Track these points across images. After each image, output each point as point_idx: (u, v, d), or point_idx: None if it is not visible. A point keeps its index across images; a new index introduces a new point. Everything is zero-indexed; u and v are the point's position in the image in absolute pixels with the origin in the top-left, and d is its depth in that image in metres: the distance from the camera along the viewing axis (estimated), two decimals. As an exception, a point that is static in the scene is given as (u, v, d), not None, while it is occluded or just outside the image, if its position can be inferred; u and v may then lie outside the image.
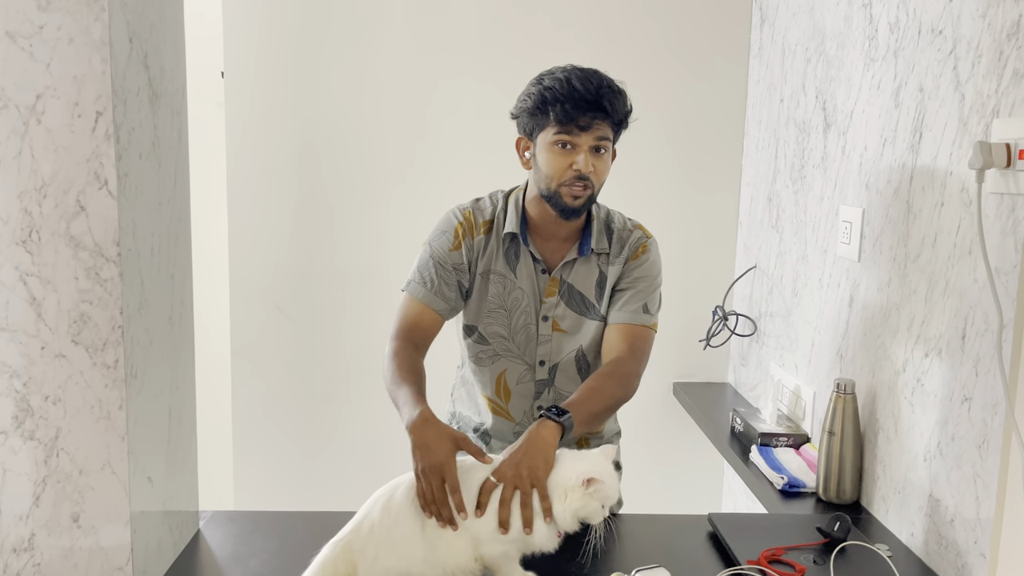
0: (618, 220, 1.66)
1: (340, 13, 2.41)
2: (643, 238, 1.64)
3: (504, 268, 1.59)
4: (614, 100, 1.49)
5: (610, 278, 1.61)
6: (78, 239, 1.11)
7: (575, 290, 1.60)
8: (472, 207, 1.62)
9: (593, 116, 1.47)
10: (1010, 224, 1.22)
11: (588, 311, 1.61)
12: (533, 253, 1.59)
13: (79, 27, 1.08)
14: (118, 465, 1.16)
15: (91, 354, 1.13)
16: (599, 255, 1.61)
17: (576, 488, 1.22)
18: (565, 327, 1.61)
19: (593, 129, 1.48)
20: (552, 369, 1.63)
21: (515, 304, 1.60)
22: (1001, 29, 1.25)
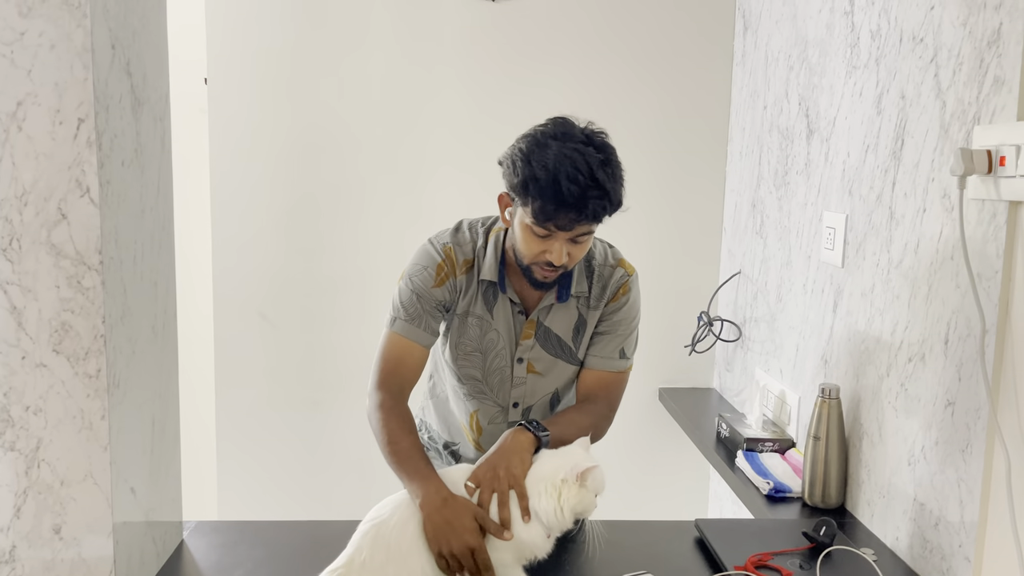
0: (599, 255, 1.59)
1: (324, 19, 2.41)
2: (624, 277, 1.58)
3: (482, 310, 1.54)
4: (599, 207, 1.37)
5: (590, 323, 1.57)
6: (59, 247, 1.10)
7: (552, 333, 1.56)
8: (452, 242, 1.54)
9: (575, 220, 1.37)
10: (991, 230, 1.23)
11: (564, 354, 1.57)
12: (511, 298, 1.54)
13: (61, 34, 1.07)
14: (100, 476, 1.15)
15: (73, 363, 1.12)
16: (579, 298, 1.56)
17: (570, 484, 1.21)
18: (540, 369, 1.56)
19: (573, 230, 1.39)
20: (526, 411, 1.59)
21: (490, 346, 1.55)
22: (982, 37, 1.27)
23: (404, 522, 1.24)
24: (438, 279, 1.52)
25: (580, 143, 1.39)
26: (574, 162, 1.35)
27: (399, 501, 1.28)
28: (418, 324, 1.51)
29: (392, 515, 1.25)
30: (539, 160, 1.36)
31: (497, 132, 2.47)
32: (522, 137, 1.44)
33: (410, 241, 2.52)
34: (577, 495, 1.22)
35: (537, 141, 1.40)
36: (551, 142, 1.38)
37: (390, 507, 1.27)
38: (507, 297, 1.54)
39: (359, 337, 2.53)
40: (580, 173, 1.34)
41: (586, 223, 1.39)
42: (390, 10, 2.41)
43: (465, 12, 2.42)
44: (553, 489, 1.23)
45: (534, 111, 2.47)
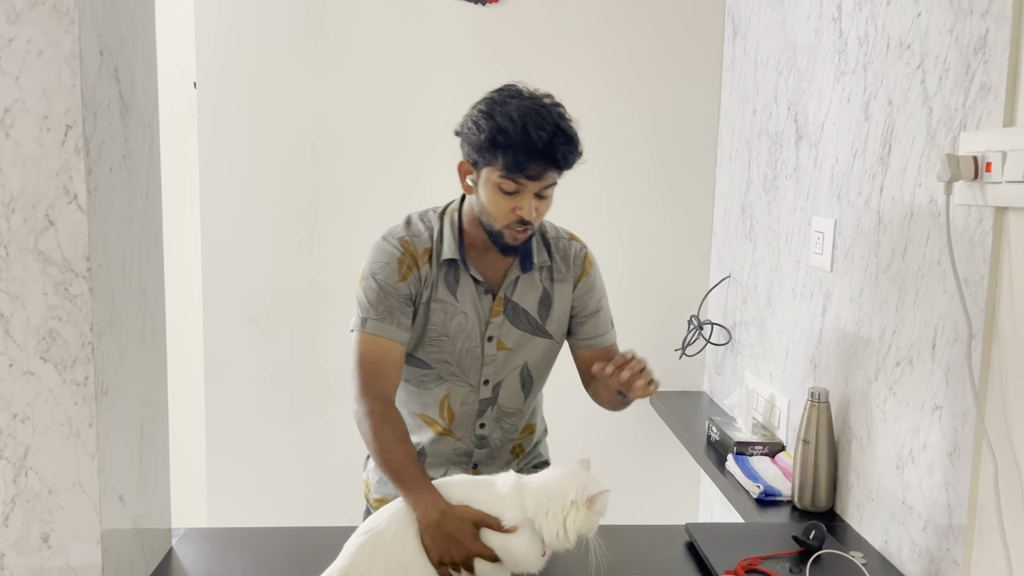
0: (550, 229, 1.64)
1: (314, 23, 2.41)
2: (583, 250, 1.64)
3: (445, 294, 1.53)
4: (568, 152, 1.42)
5: (557, 298, 1.59)
6: (47, 254, 1.10)
7: (520, 308, 1.57)
8: (407, 235, 1.54)
9: (545, 167, 1.41)
10: (978, 235, 1.24)
11: (533, 329, 1.58)
12: (475, 276, 1.54)
13: (49, 40, 1.06)
14: (88, 484, 1.14)
15: (60, 371, 1.11)
16: (541, 270, 1.59)
17: (579, 506, 1.21)
18: (509, 345, 1.57)
19: (543, 179, 1.43)
20: (496, 387, 1.59)
21: (459, 329, 1.54)
22: (968, 44, 1.28)
23: (403, 531, 1.24)
24: (401, 273, 1.51)
25: (536, 98, 1.45)
26: (538, 112, 1.41)
27: (395, 510, 1.27)
28: (390, 321, 1.49)
29: (390, 525, 1.25)
30: (503, 114, 1.41)
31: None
32: (476, 104, 1.48)
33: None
34: (584, 517, 1.21)
35: (495, 101, 1.45)
36: (510, 100, 1.44)
37: (386, 517, 1.26)
38: (470, 276, 1.54)
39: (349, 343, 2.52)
40: (545, 121, 1.40)
41: (555, 171, 1.43)
42: (380, 14, 2.41)
43: (455, 16, 2.43)
44: (560, 510, 1.21)
45: (524, 115, 2.48)
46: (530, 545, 1.23)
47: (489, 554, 1.24)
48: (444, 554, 1.23)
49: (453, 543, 1.23)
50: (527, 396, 1.63)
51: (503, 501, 1.25)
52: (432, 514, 1.25)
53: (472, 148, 1.45)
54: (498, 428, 1.63)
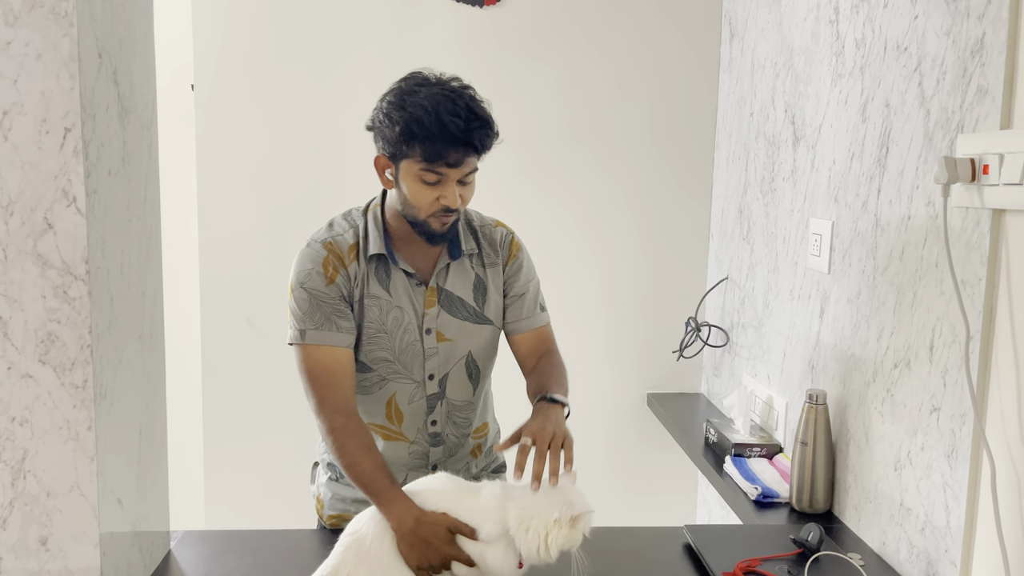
0: (476, 217, 1.62)
1: (311, 25, 2.41)
2: (508, 235, 1.62)
3: (378, 290, 1.50)
4: (485, 136, 1.39)
5: (491, 283, 1.58)
6: (45, 257, 1.09)
7: (454, 296, 1.54)
8: (329, 236, 1.51)
9: (464, 154, 1.38)
10: (975, 237, 1.24)
11: (471, 316, 1.55)
12: (405, 268, 1.51)
13: (47, 43, 1.06)
14: (87, 487, 1.14)
15: (59, 374, 1.11)
16: (470, 257, 1.57)
17: (562, 524, 1.19)
18: (449, 335, 1.54)
19: (463, 166, 1.40)
20: (442, 380, 1.56)
21: (396, 324, 1.51)
22: (965, 46, 1.28)
23: (380, 536, 1.25)
24: (328, 275, 1.47)
25: (444, 85, 1.42)
26: (451, 99, 1.38)
27: (372, 514, 1.28)
28: (329, 327, 1.45)
29: (368, 529, 1.25)
30: (414, 104, 1.38)
31: (485, 138, 2.48)
32: (384, 96, 1.45)
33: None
34: (567, 535, 1.20)
35: (403, 91, 1.42)
36: (419, 88, 1.41)
37: (365, 520, 1.28)
38: (400, 269, 1.51)
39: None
40: (459, 108, 1.37)
41: (473, 155, 1.41)
42: (377, 16, 2.41)
43: (453, 19, 2.43)
44: (543, 527, 1.20)
45: (522, 117, 2.49)
46: (504, 557, 1.22)
47: (465, 558, 1.24)
48: (421, 559, 1.23)
49: (429, 548, 1.23)
50: (476, 387, 1.59)
51: (484, 513, 1.24)
52: (406, 522, 1.25)
53: (387, 142, 1.43)
54: (450, 423, 1.59)
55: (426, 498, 1.28)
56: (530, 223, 2.49)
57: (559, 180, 2.52)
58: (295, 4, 2.39)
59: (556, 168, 2.51)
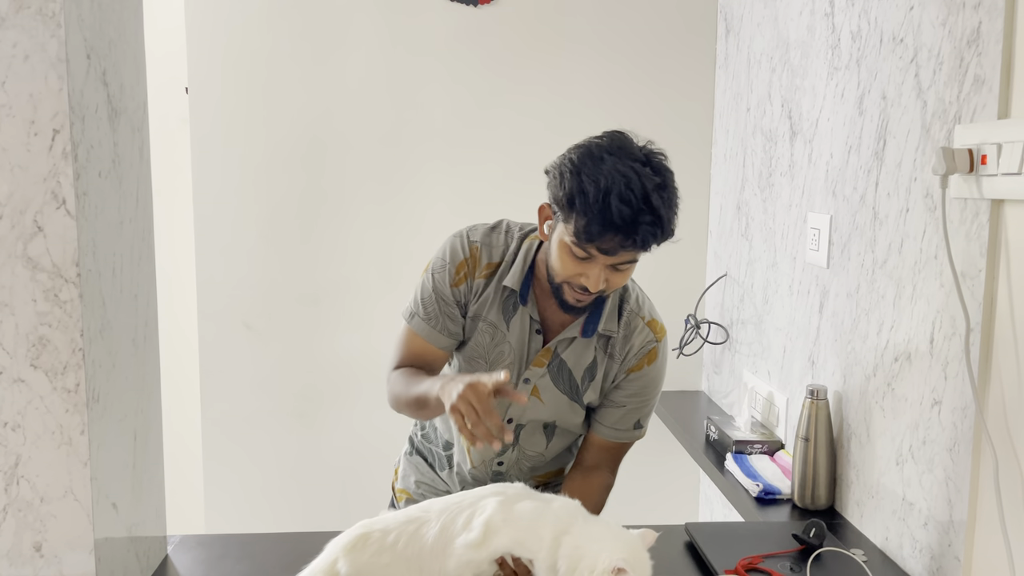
0: (632, 302, 1.49)
1: (305, 28, 2.40)
2: (653, 342, 1.48)
3: (497, 318, 1.45)
4: (649, 235, 1.26)
5: (602, 371, 1.48)
6: (36, 260, 1.08)
7: (565, 367, 1.46)
8: (481, 242, 1.46)
9: (619, 245, 1.26)
10: (974, 229, 1.23)
11: (571, 392, 1.49)
12: (531, 314, 1.45)
13: (35, 44, 1.05)
14: (81, 492, 1.13)
15: (51, 378, 1.10)
16: (601, 337, 1.47)
17: (605, 572, 1.07)
18: (544, 398, 1.48)
19: (617, 255, 1.29)
20: (518, 429, 1.52)
21: (499, 358, 1.46)
22: (961, 36, 1.27)
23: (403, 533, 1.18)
24: (457, 277, 1.45)
25: (638, 162, 1.28)
26: (628, 181, 1.24)
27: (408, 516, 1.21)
28: (435, 325, 1.46)
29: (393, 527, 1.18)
30: (590, 174, 1.25)
31: (482, 138, 2.48)
32: (575, 147, 1.33)
33: (397, 250, 2.52)
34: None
35: (591, 153, 1.29)
36: (606, 156, 1.27)
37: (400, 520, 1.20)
38: (527, 312, 1.45)
39: (345, 347, 2.52)
40: (634, 194, 1.24)
41: (631, 250, 1.28)
42: (372, 18, 2.41)
43: (448, 18, 2.42)
44: (588, 571, 1.09)
45: (518, 116, 2.48)
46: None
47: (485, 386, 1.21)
48: (454, 390, 1.22)
49: (454, 382, 1.24)
50: (548, 443, 1.55)
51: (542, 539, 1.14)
52: (441, 382, 1.29)
53: (552, 198, 1.33)
54: (517, 468, 1.56)
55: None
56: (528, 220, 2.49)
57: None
58: (289, 6, 2.39)
59: (553, 167, 2.50)
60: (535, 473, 1.60)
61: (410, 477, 1.69)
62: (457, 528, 1.16)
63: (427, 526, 1.17)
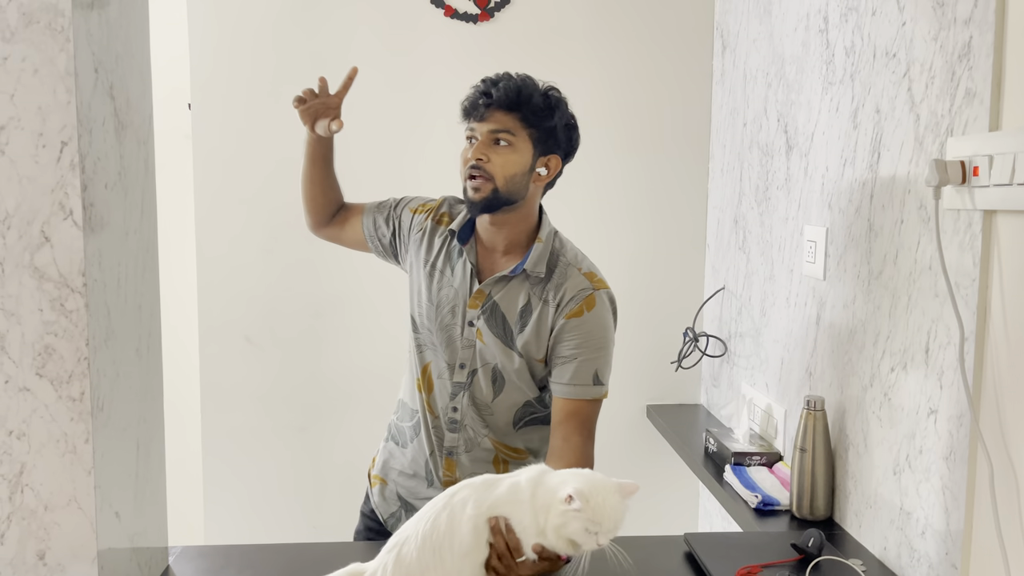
0: (570, 255, 1.59)
1: (307, 44, 2.43)
2: (590, 289, 1.53)
3: (443, 263, 1.61)
4: (511, 89, 1.50)
5: (535, 316, 1.54)
6: (42, 270, 1.10)
7: (498, 310, 1.56)
8: (447, 199, 1.70)
9: (487, 104, 1.50)
10: (967, 239, 1.25)
11: (505, 338, 1.56)
12: (470, 258, 1.59)
13: (44, 58, 1.07)
14: (84, 500, 1.14)
15: (56, 387, 1.11)
16: (533, 282, 1.55)
17: (561, 503, 1.11)
18: (485, 341, 1.58)
19: (489, 119, 1.51)
20: (471, 374, 1.60)
21: (444, 300, 1.60)
22: (952, 51, 1.29)
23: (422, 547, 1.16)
24: (417, 205, 1.70)
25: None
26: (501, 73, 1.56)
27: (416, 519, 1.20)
28: (375, 207, 1.75)
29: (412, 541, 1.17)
30: None
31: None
32: None
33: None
34: (561, 516, 1.11)
35: None
36: None
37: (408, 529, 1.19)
38: (467, 256, 1.59)
39: (345, 360, 2.52)
40: (496, 77, 1.55)
41: (501, 111, 1.50)
42: (374, 33, 2.43)
43: (447, 35, 2.45)
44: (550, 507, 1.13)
45: (517, 131, 2.49)
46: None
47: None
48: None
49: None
50: (496, 394, 1.60)
51: (521, 502, 1.16)
52: None
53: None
54: (470, 415, 1.61)
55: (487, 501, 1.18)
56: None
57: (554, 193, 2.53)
58: (291, 23, 2.42)
59: (552, 181, 2.52)
60: (485, 434, 1.62)
61: (386, 464, 1.76)
62: (441, 532, 1.15)
63: (407, 544, 1.16)
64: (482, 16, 2.44)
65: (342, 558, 1.43)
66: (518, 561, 1.15)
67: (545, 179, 1.59)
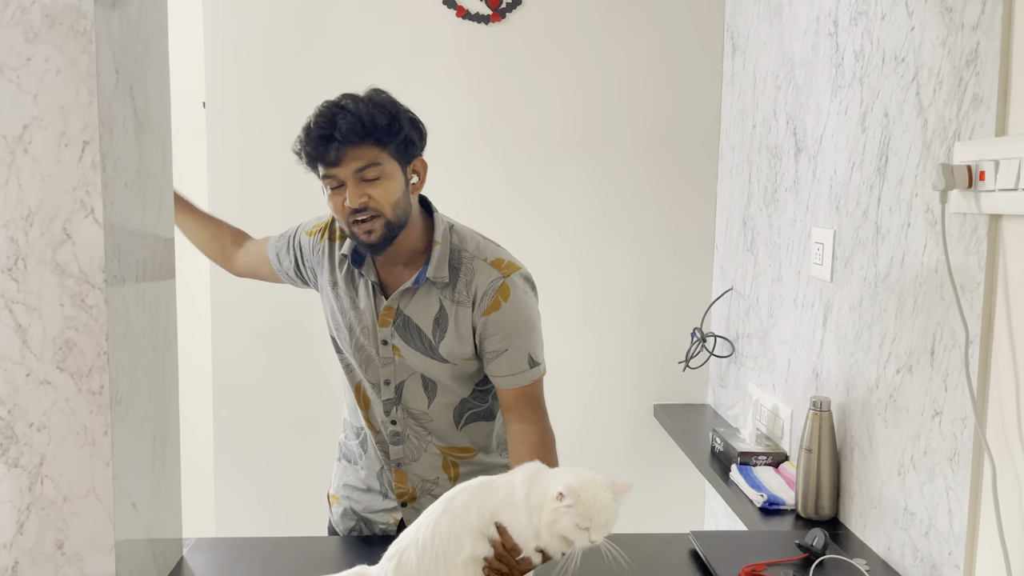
0: (472, 247, 1.51)
1: (320, 43, 2.45)
2: (499, 280, 1.47)
3: (346, 286, 1.55)
4: (348, 125, 1.36)
5: (452, 319, 1.48)
6: (64, 266, 1.13)
7: (412, 323, 1.49)
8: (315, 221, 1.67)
9: (336, 149, 1.36)
10: (973, 243, 1.26)
11: (427, 349, 1.50)
12: (370, 278, 1.51)
13: (66, 59, 1.10)
14: (103, 491, 1.16)
15: (76, 380, 1.14)
16: (440, 287, 1.49)
17: (550, 500, 1.13)
18: (405, 355, 1.52)
19: (346, 159, 1.37)
20: (398, 388, 1.55)
21: (353, 324, 1.54)
22: (960, 56, 1.31)
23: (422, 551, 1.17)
24: (311, 227, 1.64)
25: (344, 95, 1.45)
26: (326, 104, 1.43)
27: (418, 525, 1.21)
28: (277, 239, 1.71)
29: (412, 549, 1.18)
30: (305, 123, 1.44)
31: (492, 153, 2.52)
32: None
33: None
34: (553, 514, 1.13)
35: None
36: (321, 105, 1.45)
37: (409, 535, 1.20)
38: (368, 277, 1.51)
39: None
40: (325, 108, 1.41)
41: (349, 147, 1.37)
42: (384, 35, 2.46)
43: (459, 35, 2.47)
44: (543, 505, 1.14)
45: (527, 132, 2.52)
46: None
47: None
48: None
49: None
50: (431, 400, 1.55)
51: (515, 504, 1.17)
52: None
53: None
54: (410, 425, 1.57)
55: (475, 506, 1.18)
56: (536, 235, 2.52)
57: (565, 193, 2.55)
58: (305, 23, 2.44)
59: (562, 181, 2.54)
60: (427, 440, 1.58)
61: (339, 481, 1.74)
62: (443, 538, 1.15)
63: (407, 552, 1.16)
64: (493, 17, 2.46)
65: (350, 552, 1.46)
66: (518, 560, 1.15)
67: (420, 184, 1.52)
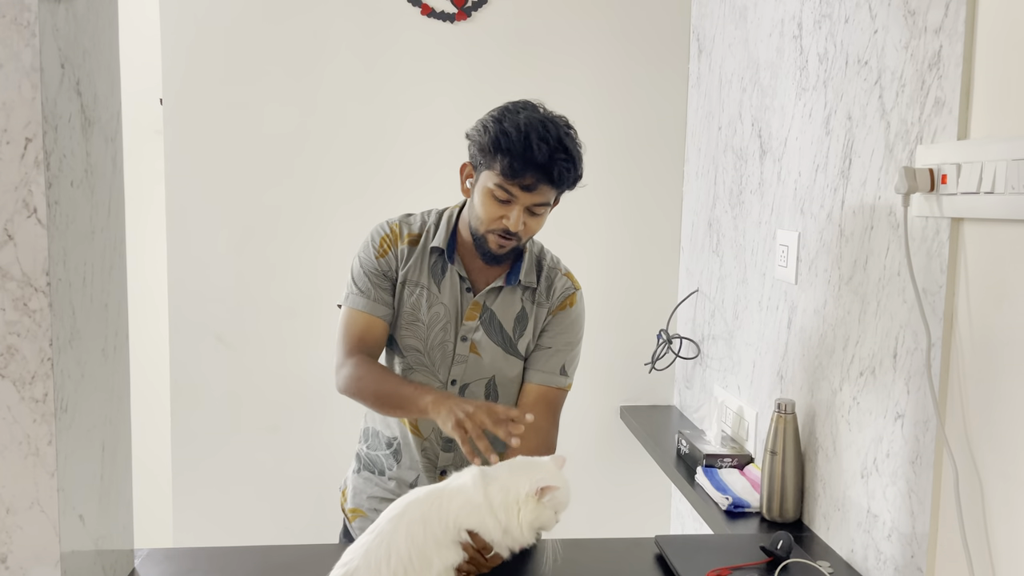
0: (549, 259, 1.66)
1: (282, 42, 2.41)
2: (571, 289, 1.64)
3: (428, 280, 1.58)
4: (565, 170, 1.45)
5: (532, 320, 1.61)
6: (5, 269, 1.08)
7: (496, 319, 1.59)
8: (400, 220, 1.62)
9: (539, 180, 1.45)
10: (935, 246, 1.27)
11: (506, 345, 1.60)
12: (459, 272, 1.58)
13: (9, 53, 1.05)
14: (47, 503, 1.12)
15: (19, 388, 1.09)
16: (525, 289, 1.61)
17: (529, 499, 1.19)
18: (482, 353, 1.59)
19: (536, 192, 1.46)
20: (462, 390, 1.61)
21: (435, 319, 1.58)
22: (923, 60, 1.31)
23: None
24: (380, 250, 1.59)
25: (546, 115, 1.49)
26: (544, 126, 1.44)
27: (361, 544, 1.20)
28: (370, 296, 1.57)
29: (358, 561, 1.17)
30: (511, 121, 1.45)
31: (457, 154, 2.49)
32: (491, 110, 1.52)
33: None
34: (534, 511, 1.19)
35: (508, 109, 1.49)
36: (520, 110, 1.48)
37: (358, 552, 1.18)
38: (455, 271, 1.58)
39: (317, 360, 2.50)
40: (549, 135, 1.43)
41: (548, 187, 1.45)
42: (349, 32, 2.42)
43: (424, 34, 2.44)
44: (515, 504, 1.20)
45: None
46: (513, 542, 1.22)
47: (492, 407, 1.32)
48: (457, 411, 1.30)
49: (461, 402, 1.34)
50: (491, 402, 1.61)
51: (479, 508, 1.19)
52: (442, 394, 1.39)
53: (476, 150, 1.49)
54: None
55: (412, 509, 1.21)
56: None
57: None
58: (266, 19, 2.39)
59: (527, 182, 2.52)
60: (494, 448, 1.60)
61: (362, 494, 1.70)
62: (403, 556, 1.14)
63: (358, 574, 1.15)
64: (459, 15, 2.43)
65: (312, 560, 1.42)
66: (487, 557, 1.21)
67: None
